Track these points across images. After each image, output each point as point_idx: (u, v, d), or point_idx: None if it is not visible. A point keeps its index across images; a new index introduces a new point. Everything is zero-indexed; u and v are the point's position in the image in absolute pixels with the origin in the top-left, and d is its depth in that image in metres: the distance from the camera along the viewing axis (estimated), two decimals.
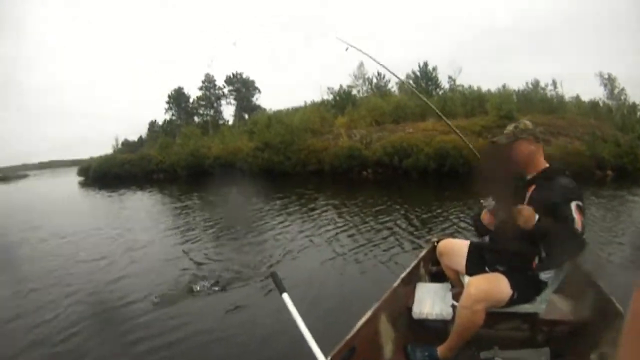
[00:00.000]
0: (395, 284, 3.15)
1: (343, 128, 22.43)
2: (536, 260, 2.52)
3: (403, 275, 3.31)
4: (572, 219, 2.31)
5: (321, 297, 4.98)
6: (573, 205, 2.34)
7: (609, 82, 39.22)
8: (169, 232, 10.26)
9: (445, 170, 16.88)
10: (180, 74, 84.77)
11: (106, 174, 31.58)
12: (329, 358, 2.16)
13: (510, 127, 2.70)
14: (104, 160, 34.69)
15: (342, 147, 19.53)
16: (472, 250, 2.93)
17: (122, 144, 43.31)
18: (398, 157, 18.13)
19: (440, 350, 2.67)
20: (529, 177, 2.66)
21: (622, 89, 38.23)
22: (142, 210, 16.30)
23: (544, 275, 2.55)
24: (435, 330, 2.96)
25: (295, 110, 29.51)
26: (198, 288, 5.58)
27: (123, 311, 5.16)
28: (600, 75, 38.95)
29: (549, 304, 2.65)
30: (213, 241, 9.03)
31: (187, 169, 26.06)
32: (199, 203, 16.43)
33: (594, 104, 31.19)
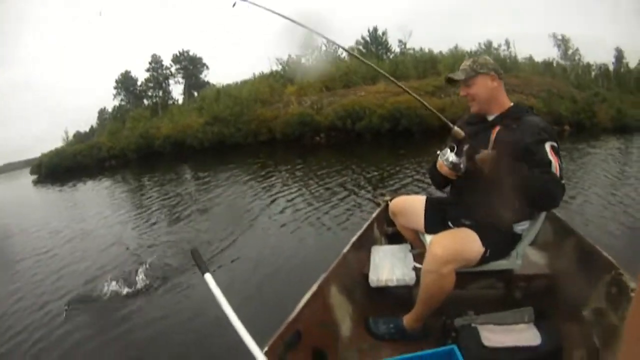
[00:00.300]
0: (345, 250, 2.78)
1: (293, 96, 22.30)
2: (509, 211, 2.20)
3: (354, 239, 2.95)
4: (549, 162, 2.05)
5: (273, 270, 4.68)
6: (547, 145, 2.07)
7: (563, 42, 40.30)
8: (115, 219, 9.93)
9: (399, 130, 17.01)
10: (125, 58, 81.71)
11: (57, 168, 30.66)
12: (265, 349, 1.73)
13: (467, 62, 2.35)
14: (54, 155, 33.57)
15: (293, 114, 19.46)
16: (431, 205, 2.59)
17: (74, 136, 42.18)
18: (351, 120, 18.11)
19: (407, 319, 2.37)
20: (491, 117, 2.33)
21: (577, 50, 39.38)
22: (90, 200, 15.96)
23: (518, 227, 2.27)
24: (397, 298, 2.64)
25: (244, 83, 29.07)
26: (139, 276, 5.11)
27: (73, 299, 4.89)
28: (554, 36, 39.82)
29: (525, 258, 2.41)
30: (159, 222, 8.74)
31: (137, 152, 25.60)
32: (148, 184, 16.17)
33: (547, 64, 31.99)
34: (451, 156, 2.18)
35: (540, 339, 2.01)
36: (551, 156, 2.05)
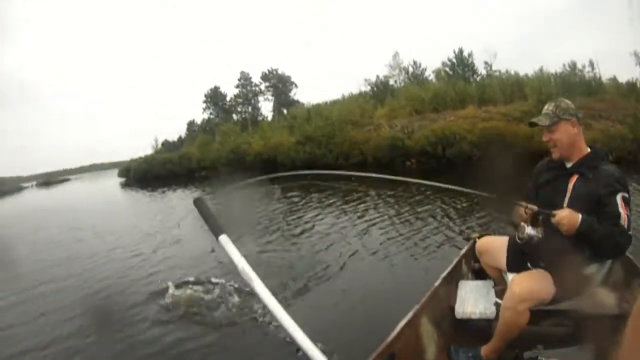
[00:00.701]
0: (437, 283, 3.05)
1: (384, 119, 22.19)
2: (580, 257, 2.37)
3: (444, 274, 3.20)
4: (618, 215, 2.19)
5: (363, 296, 4.89)
6: (619, 197, 2.22)
7: None
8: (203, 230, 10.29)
9: (489, 156, 16.62)
10: (213, 74, 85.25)
11: (147, 174, 32.39)
12: None
13: (550, 107, 2.46)
14: (145, 161, 35.57)
15: (384, 138, 19.29)
16: (512, 246, 2.74)
17: (162, 144, 44.09)
18: (441, 145, 17.76)
19: (484, 350, 2.61)
20: (569, 164, 2.46)
21: None
22: (181, 207, 16.37)
23: (587, 270, 2.41)
24: (478, 329, 2.87)
25: (334, 102, 29.47)
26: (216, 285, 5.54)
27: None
28: (635, 54, 37.69)
29: (593, 298, 2.53)
30: (247, 237, 8.71)
31: (228, 166, 26.13)
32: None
33: (631, 85, 30.19)
34: (528, 230, 2.34)
35: None
36: (621, 208, 2.18)
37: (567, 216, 2.22)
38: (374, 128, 21.27)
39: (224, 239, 1.38)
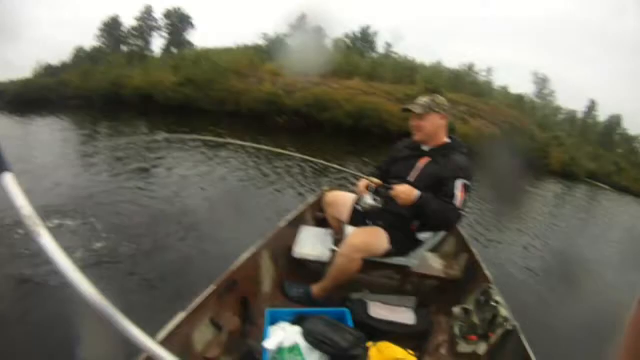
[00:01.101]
0: (281, 225, 3.31)
1: (269, 74, 22.42)
2: (415, 223, 2.65)
3: (289, 217, 3.47)
4: (453, 195, 2.46)
5: (216, 230, 5.25)
6: (459, 182, 2.48)
7: (542, 81, 41.51)
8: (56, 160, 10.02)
9: (360, 128, 17.22)
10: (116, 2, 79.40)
11: (21, 99, 29.93)
12: (213, 288, 2.37)
13: (425, 99, 2.70)
14: (22, 85, 33.15)
15: (264, 92, 19.62)
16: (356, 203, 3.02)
17: (45, 68, 41.00)
18: (317, 109, 18.31)
19: (315, 288, 2.82)
20: (426, 148, 2.72)
21: (552, 92, 40.72)
22: (42, 139, 15.70)
23: (420, 235, 2.70)
24: (312, 270, 3.08)
25: (227, 50, 28.88)
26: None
27: None
28: (535, 73, 41.06)
29: (422, 260, 2.86)
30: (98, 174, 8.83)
31: (105, 97, 25.17)
32: (103, 132, 16.57)
33: (519, 98, 32.81)
34: (368, 200, 2.66)
35: (415, 321, 2.55)
36: (458, 191, 2.46)
37: (404, 191, 2.46)
38: (258, 81, 21.44)
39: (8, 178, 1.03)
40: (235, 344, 2.43)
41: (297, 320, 2.36)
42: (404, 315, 2.63)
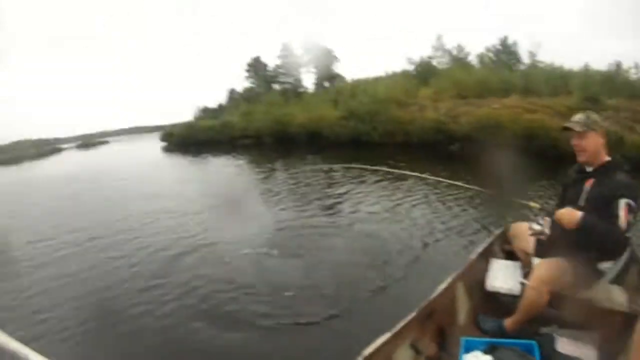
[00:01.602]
0: (472, 257, 3.56)
1: (428, 100, 22.15)
2: (594, 253, 2.68)
3: (479, 250, 3.69)
4: (617, 215, 2.49)
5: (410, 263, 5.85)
6: (622, 202, 2.51)
7: None
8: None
9: (532, 151, 16.17)
10: (254, 44, 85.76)
11: (188, 140, 32.96)
12: (414, 313, 2.70)
13: (581, 117, 2.77)
14: (187, 127, 36.22)
15: (429, 120, 19.34)
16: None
17: (202, 110, 44.46)
18: (485, 132, 17.33)
19: (507, 322, 2.95)
20: (589, 169, 2.81)
21: None
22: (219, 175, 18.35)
23: (601, 265, 2.73)
24: (504, 303, 3.23)
25: (376, 79, 29.23)
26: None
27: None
28: None
29: (606, 293, 2.83)
30: (286, 209, 10.04)
31: (272, 136, 26.59)
32: (281, 169, 17.77)
33: None
34: (534, 225, 2.84)
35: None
36: (622, 211, 2.48)
37: (566, 213, 2.62)
38: (419, 109, 21.27)
39: None
40: None
41: (489, 350, 2.55)
42: (590, 353, 2.63)
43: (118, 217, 10.20)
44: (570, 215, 2.59)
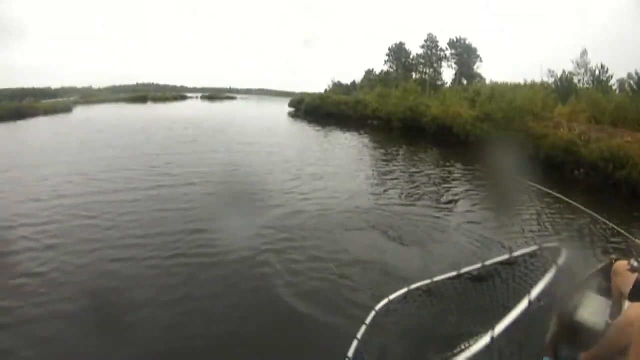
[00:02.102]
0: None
1: (564, 118, 21.84)
2: None
3: (579, 280, 3.65)
4: None
5: None
6: None
7: None
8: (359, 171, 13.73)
9: None
10: (399, 32, 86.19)
11: (318, 110, 34.59)
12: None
13: None
14: (319, 97, 37.64)
15: (562, 139, 19.03)
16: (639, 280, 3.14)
17: (336, 84, 46.04)
18: (613, 165, 16.68)
19: (583, 356, 2.99)
20: None
21: None
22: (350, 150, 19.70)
23: None
24: (585, 336, 3.15)
25: (515, 86, 29.15)
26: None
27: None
28: None
29: None
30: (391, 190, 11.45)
31: (403, 122, 27.39)
32: (405, 154, 18.76)
33: None
34: (633, 262, 2.94)
35: None
36: None
37: None
38: (554, 125, 21.01)
39: None
40: None
41: None
42: None
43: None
44: None
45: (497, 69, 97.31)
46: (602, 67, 31.40)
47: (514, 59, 79.48)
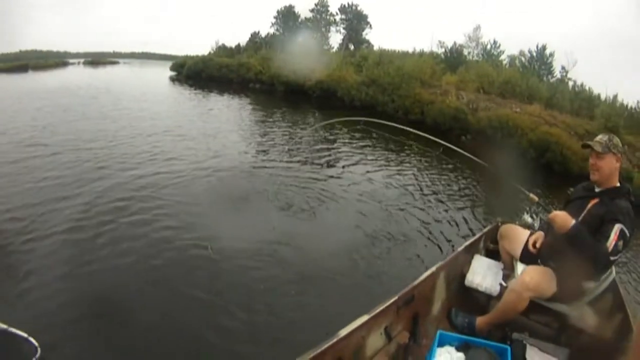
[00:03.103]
0: (458, 250, 3.59)
1: (452, 86, 21.68)
2: (581, 270, 2.70)
3: (466, 244, 3.71)
4: (607, 237, 2.54)
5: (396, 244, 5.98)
6: (616, 227, 2.55)
7: None
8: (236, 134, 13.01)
9: (542, 162, 15.84)
10: None
11: (200, 74, 32.29)
12: (394, 298, 2.70)
13: (603, 138, 2.82)
14: (201, 60, 35.20)
15: (449, 106, 18.96)
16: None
17: (219, 47, 43.51)
18: (501, 133, 17.39)
19: (479, 320, 3.03)
20: (597, 189, 2.85)
21: None
22: (227, 110, 18.88)
23: (585, 284, 2.83)
24: (479, 301, 3.36)
25: (404, 54, 28.66)
26: None
27: None
28: None
29: (581, 312, 2.90)
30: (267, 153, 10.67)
31: (286, 85, 26.13)
32: (281, 118, 17.72)
33: None
34: (525, 217, 3.02)
35: None
36: (613, 234, 2.52)
37: (560, 215, 2.66)
38: (441, 93, 20.83)
39: None
40: (399, 356, 2.67)
41: (462, 347, 2.58)
42: None
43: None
44: (565, 218, 2.63)
45: (387, 37, 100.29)
46: (495, 42, 32.30)
47: (405, 28, 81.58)
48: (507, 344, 2.66)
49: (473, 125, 18.32)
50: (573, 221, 2.59)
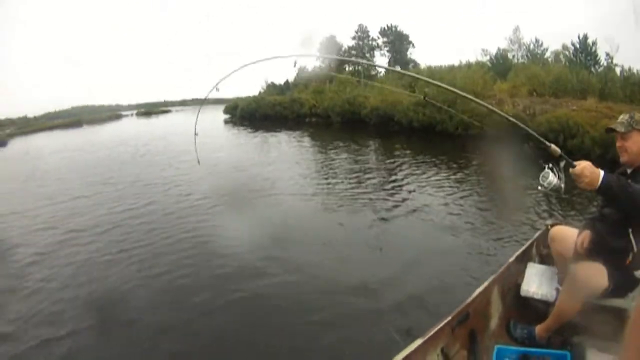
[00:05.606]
0: (510, 261, 3.53)
1: (505, 94, 21.63)
2: (630, 257, 2.60)
3: (517, 253, 3.66)
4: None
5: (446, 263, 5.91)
6: None
7: None
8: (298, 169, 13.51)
9: (608, 158, 15.48)
10: (330, 25, 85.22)
11: (254, 114, 33.20)
12: (448, 319, 2.69)
13: (625, 117, 2.69)
14: (254, 100, 36.20)
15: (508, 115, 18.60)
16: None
17: (269, 86, 44.60)
18: (563, 135, 16.54)
19: (539, 329, 2.97)
20: (629, 170, 2.71)
21: None
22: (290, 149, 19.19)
23: (638, 273, 2.65)
24: (537, 310, 3.21)
25: (451, 68, 28.74)
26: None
27: None
28: None
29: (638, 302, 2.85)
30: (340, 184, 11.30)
31: (342, 116, 26.48)
32: (352, 150, 17.78)
33: None
34: (550, 177, 2.55)
35: None
36: None
37: (587, 167, 2.31)
38: (497, 102, 20.55)
39: None
40: None
41: (521, 359, 2.59)
42: None
43: None
44: (592, 170, 2.31)
45: (430, 53, 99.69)
46: (537, 40, 31.77)
47: (445, 41, 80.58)
48: (567, 350, 2.66)
49: (534, 131, 17.42)
50: (601, 172, 2.32)
